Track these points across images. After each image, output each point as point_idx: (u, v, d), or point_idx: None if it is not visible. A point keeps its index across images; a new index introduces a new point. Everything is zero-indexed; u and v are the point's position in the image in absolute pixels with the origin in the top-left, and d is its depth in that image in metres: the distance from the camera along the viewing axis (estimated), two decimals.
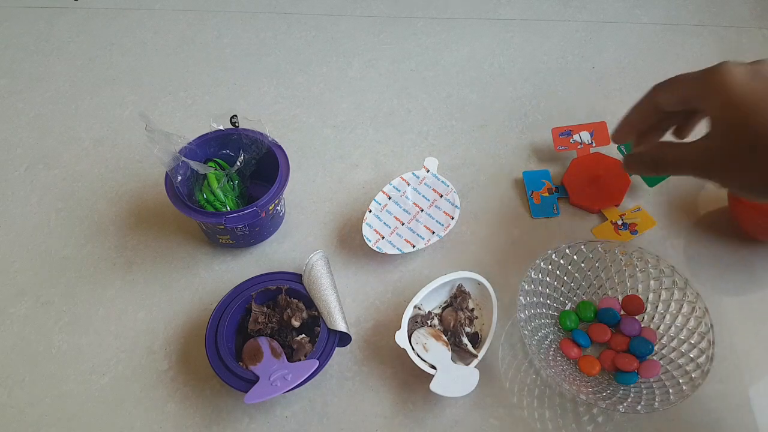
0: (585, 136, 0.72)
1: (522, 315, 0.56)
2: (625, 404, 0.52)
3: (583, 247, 0.60)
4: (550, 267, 0.60)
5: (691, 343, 0.56)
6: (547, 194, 0.70)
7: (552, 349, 0.58)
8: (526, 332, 0.55)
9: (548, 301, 0.61)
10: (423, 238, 0.64)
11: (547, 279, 0.60)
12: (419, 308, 0.60)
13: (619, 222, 0.67)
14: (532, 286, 0.59)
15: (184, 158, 0.61)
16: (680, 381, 0.53)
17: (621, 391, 0.54)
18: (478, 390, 0.54)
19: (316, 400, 0.57)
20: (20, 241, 0.68)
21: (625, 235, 0.67)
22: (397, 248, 0.64)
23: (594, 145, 0.72)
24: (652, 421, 0.55)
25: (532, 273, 0.58)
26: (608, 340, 0.59)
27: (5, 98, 0.83)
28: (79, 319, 0.62)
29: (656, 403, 0.51)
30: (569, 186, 0.71)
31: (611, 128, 0.58)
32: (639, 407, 0.51)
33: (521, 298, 0.57)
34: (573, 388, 0.53)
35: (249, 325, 0.57)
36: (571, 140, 0.72)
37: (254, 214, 0.60)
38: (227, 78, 0.85)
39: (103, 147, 0.77)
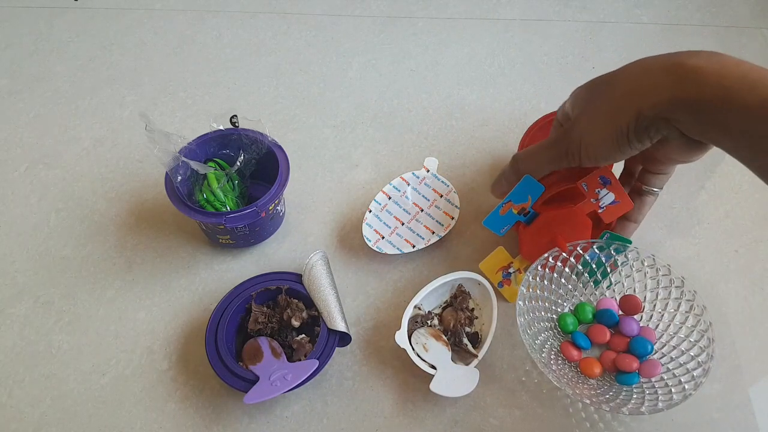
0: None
1: (522, 320, 0.56)
2: (628, 406, 0.52)
3: (579, 248, 0.60)
4: (547, 270, 0.60)
5: (691, 341, 0.56)
6: (516, 213, 0.59)
7: (553, 353, 0.58)
8: (526, 337, 0.55)
9: (546, 304, 0.60)
10: (423, 238, 0.64)
11: (545, 282, 0.60)
12: (419, 308, 0.60)
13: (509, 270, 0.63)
14: (531, 290, 0.59)
15: (184, 158, 0.61)
16: (682, 380, 0.53)
17: (623, 393, 0.54)
18: (478, 390, 0.54)
19: (316, 400, 0.57)
20: (20, 241, 0.68)
21: (506, 285, 0.63)
22: (397, 248, 0.64)
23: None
24: (653, 422, 0.55)
25: (530, 277, 0.58)
26: (608, 341, 0.59)
27: (5, 98, 0.83)
28: (79, 319, 0.62)
29: (660, 404, 0.51)
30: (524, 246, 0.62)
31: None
32: (643, 408, 0.51)
33: (520, 302, 0.57)
34: (576, 392, 0.53)
35: (249, 325, 0.57)
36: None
37: (254, 214, 0.60)
38: (227, 78, 0.85)
39: (103, 147, 0.77)
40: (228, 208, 0.62)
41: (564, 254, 0.60)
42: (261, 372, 0.53)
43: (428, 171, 0.69)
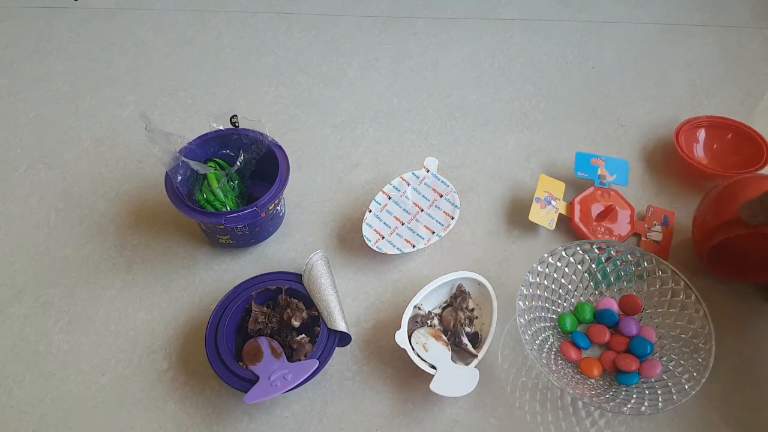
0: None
1: (522, 320, 0.56)
2: (629, 406, 0.52)
3: (578, 248, 0.60)
4: (547, 270, 0.60)
5: (690, 340, 0.56)
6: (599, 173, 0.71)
7: (553, 353, 0.58)
8: (526, 337, 0.55)
9: (547, 305, 0.60)
10: (423, 238, 0.64)
11: (545, 282, 0.60)
12: (419, 308, 0.60)
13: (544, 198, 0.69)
14: (531, 290, 0.59)
15: (184, 158, 0.61)
16: (682, 379, 0.53)
17: (624, 393, 0.54)
18: (478, 390, 0.54)
19: (316, 400, 0.57)
20: (20, 241, 0.68)
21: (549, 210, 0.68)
22: (397, 248, 0.64)
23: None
24: (653, 421, 0.55)
25: (530, 277, 0.58)
26: (608, 341, 0.59)
27: (5, 98, 0.83)
28: (79, 319, 0.62)
29: (660, 403, 0.51)
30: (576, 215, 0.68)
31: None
32: (643, 408, 0.51)
33: (520, 302, 0.57)
34: (576, 392, 0.53)
35: (249, 325, 0.57)
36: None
37: (254, 214, 0.60)
38: (227, 78, 0.85)
39: (103, 147, 0.77)
40: (228, 208, 0.62)
41: (564, 254, 0.60)
42: (261, 372, 0.53)
43: (428, 171, 0.69)
